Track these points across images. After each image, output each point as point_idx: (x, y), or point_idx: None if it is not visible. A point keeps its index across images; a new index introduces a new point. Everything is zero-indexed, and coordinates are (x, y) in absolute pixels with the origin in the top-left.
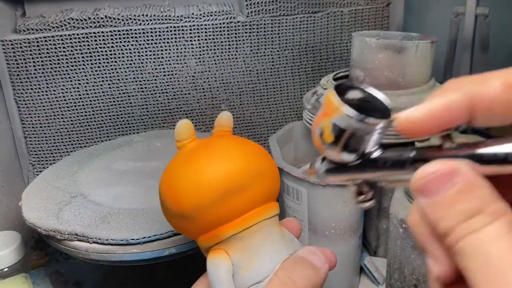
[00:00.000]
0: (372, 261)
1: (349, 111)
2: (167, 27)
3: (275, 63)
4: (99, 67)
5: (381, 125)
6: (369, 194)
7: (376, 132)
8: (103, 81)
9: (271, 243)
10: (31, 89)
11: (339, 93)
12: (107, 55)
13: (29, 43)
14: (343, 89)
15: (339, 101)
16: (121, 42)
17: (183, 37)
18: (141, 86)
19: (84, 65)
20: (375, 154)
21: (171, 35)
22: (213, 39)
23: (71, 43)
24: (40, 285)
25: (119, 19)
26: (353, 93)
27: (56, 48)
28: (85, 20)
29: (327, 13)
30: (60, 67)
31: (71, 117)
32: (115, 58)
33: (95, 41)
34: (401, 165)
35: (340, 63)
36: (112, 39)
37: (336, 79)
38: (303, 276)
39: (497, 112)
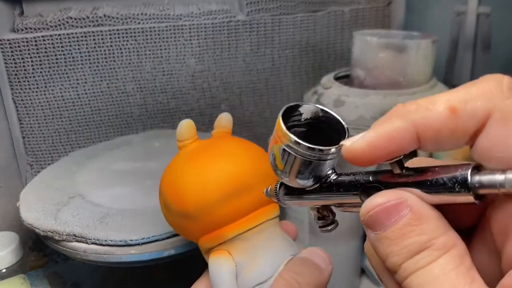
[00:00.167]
0: None
1: (296, 140)
2: (166, 26)
3: (275, 63)
4: (97, 66)
5: (332, 150)
6: (329, 218)
7: (328, 157)
8: (102, 81)
9: (274, 243)
10: (29, 88)
11: (291, 114)
12: (105, 54)
13: (27, 42)
14: (295, 110)
15: (285, 129)
16: (119, 41)
17: (183, 36)
18: (140, 85)
19: (82, 64)
20: (330, 178)
21: (170, 34)
22: (213, 38)
23: (70, 42)
24: (38, 286)
25: (117, 18)
26: (307, 113)
27: (54, 47)
28: (84, 19)
29: (327, 12)
30: (58, 67)
31: (69, 117)
32: (114, 57)
33: (94, 40)
34: (355, 190)
35: (340, 63)
36: (110, 38)
37: (337, 79)
38: (308, 277)
39: (445, 138)
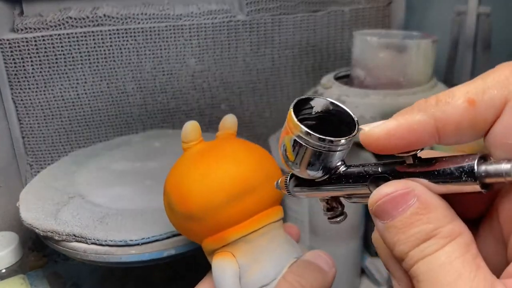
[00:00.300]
0: (373, 262)
1: (307, 131)
2: (166, 26)
3: (275, 63)
4: (97, 66)
5: (342, 141)
6: (338, 209)
7: (338, 148)
8: (102, 81)
9: (277, 246)
10: (29, 88)
11: (303, 107)
12: (105, 54)
13: (27, 42)
14: (306, 103)
15: (296, 120)
16: (119, 41)
17: (183, 36)
18: (139, 85)
19: (82, 64)
20: (340, 169)
21: (170, 34)
22: (213, 38)
23: (69, 42)
24: (38, 286)
25: (117, 18)
26: (318, 106)
27: (54, 47)
28: (83, 19)
29: (328, 12)
30: (58, 66)
31: (69, 117)
32: (114, 57)
33: (94, 40)
34: (364, 181)
35: (341, 62)
36: (110, 38)
37: (337, 79)
38: (312, 280)
39: (464, 131)
